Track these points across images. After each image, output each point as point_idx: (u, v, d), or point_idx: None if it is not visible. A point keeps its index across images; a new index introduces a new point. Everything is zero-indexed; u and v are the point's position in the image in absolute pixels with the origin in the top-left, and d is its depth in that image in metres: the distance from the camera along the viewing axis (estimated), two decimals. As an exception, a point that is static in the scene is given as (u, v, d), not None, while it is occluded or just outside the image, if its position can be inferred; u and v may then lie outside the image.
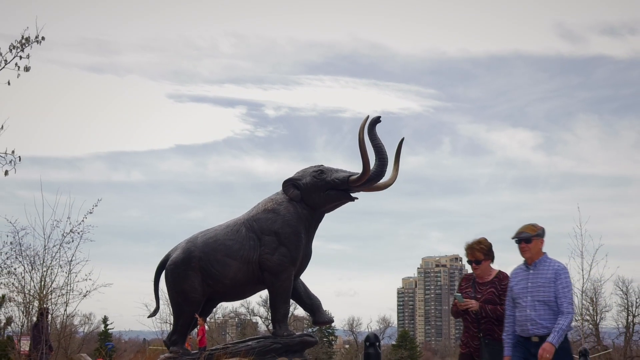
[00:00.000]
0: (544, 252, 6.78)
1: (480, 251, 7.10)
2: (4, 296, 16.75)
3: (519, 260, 7.00)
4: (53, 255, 13.79)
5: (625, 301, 37.47)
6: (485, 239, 7.16)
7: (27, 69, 8.34)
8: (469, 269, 7.90)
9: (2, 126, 8.45)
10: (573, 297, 6.66)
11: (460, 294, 7.25)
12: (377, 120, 12.43)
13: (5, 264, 13.84)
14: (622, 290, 37.21)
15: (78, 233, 13.77)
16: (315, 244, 13.25)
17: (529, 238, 6.68)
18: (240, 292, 13.78)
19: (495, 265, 7.68)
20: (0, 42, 8.33)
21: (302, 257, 12.87)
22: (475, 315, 7.15)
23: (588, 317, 30.27)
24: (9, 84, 8.26)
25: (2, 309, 17.74)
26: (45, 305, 13.99)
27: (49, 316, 14.20)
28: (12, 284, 14.04)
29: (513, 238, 6.80)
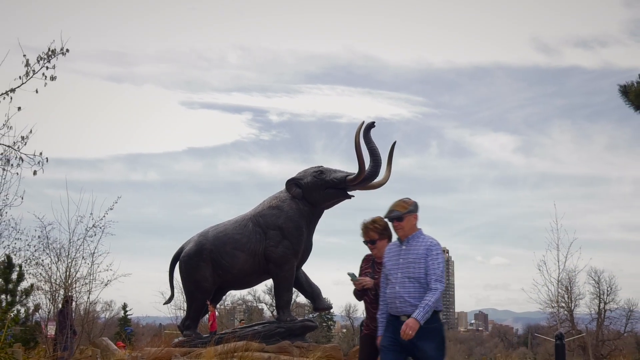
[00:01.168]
0: (419, 228, 5.82)
1: (375, 230, 6.18)
2: (32, 285, 16.73)
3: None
4: (77, 248, 13.76)
5: (597, 290, 37.38)
6: (381, 218, 6.19)
7: (53, 78, 8.32)
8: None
9: (31, 130, 8.44)
10: (444, 273, 5.61)
11: (353, 273, 6.38)
12: (371, 125, 12.43)
13: (33, 255, 13.80)
14: (594, 279, 37.13)
15: (100, 228, 13.73)
16: (316, 237, 13.27)
17: (400, 216, 5.71)
18: (247, 281, 13.79)
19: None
20: (29, 54, 8.32)
21: (304, 250, 12.88)
22: (373, 296, 6.34)
23: (563, 304, 30.22)
24: (37, 92, 8.25)
25: (31, 296, 17.69)
26: (70, 294, 13.97)
27: (74, 303, 14.17)
28: (40, 274, 14.04)
29: (385, 217, 5.86)
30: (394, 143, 12.92)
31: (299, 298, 33.51)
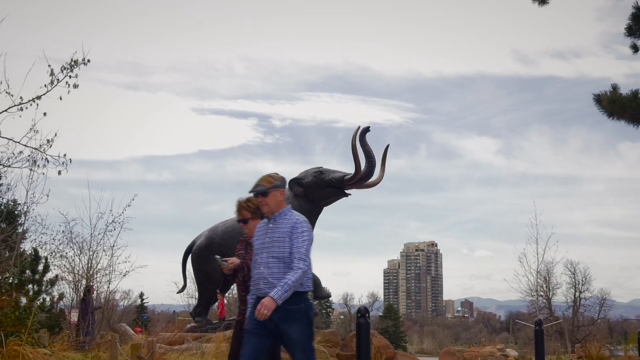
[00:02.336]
0: (287, 205, 5.10)
1: (247, 209, 5.53)
2: (57, 276, 16.72)
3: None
4: (98, 241, 13.76)
5: (573, 280, 37.43)
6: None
7: (75, 86, 8.32)
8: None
9: (56, 134, 8.44)
10: (310, 252, 4.89)
11: (219, 256, 5.66)
12: (366, 130, 12.41)
13: (58, 249, 13.81)
14: (570, 270, 37.18)
15: (119, 223, 13.74)
16: (316, 232, 13.23)
17: (265, 191, 4.99)
18: (253, 272, 13.77)
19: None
20: (53, 64, 8.31)
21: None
22: (242, 278, 5.70)
23: (542, 293, 30.21)
24: (60, 99, 8.24)
25: (56, 286, 17.66)
26: (91, 284, 13.96)
27: (95, 292, 14.16)
28: (64, 265, 14.05)
29: (250, 192, 5.14)
30: (387, 146, 12.92)
31: (301, 287, 33.55)
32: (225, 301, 14.93)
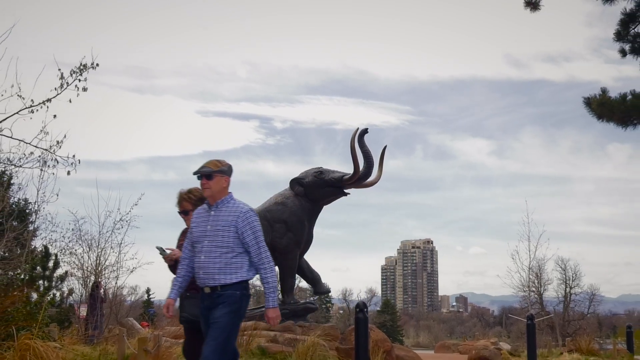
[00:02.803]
0: (230, 192, 4.72)
1: (189, 201, 5.21)
2: (66, 272, 16.72)
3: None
4: (106, 239, 13.75)
5: (564, 276, 37.39)
6: (197, 189, 5.16)
7: (84, 89, 8.32)
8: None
9: (65, 136, 8.44)
10: (266, 245, 4.65)
11: (161, 247, 5.35)
12: (364, 131, 12.41)
13: (68, 246, 13.80)
14: (561, 267, 37.14)
15: (126, 221, 13.73)
16: (316, 230, 13.24)
17: (210, 173, 4.61)
18: (256, 268, 13.77)
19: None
20: (63, 68, 8.31)
21: (306, 241, 12.85)
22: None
23: (534, 289, 30.21)
24: (70, 102, 8.25)
25: (65, 282, 17.66)
26: (99, 280, 13.97)
27: (102, 289, 14.17)
28: (73, 262, 14.05)
29: (194, 173, 4.74)
30: (385, 147, 12.91)
31: (302, 283, 33.55)
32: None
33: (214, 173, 4.62)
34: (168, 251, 5.29)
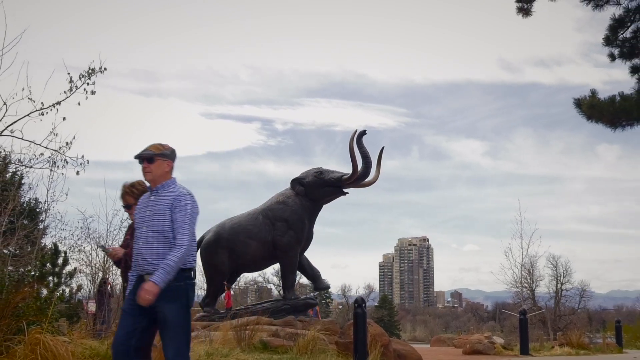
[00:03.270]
0: (173, 177, 4.37)
1: (131, 195, 4.92)
2: (75, 269, 16.71)
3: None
4: (114, 237, 13.72)
5: (555, 272, 37.39)
6: (140, 182, 4.85)
7: (92, 93, 8.31)
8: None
9: (74, 137, 8.43)
10: (195, 229, 4.23)
11: (103, 245, 4.79)
12: (363, 133, 12.40)
13: (76, 244, 13.77)
14: (552, 264, 37.14)
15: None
16: (316, 228, 13.23)
17: (151, 157, 4.26)
18: (258, 265, 13.76)
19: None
20: (72, 72, 8.31)
21: (306, 239, 12.84)
22: (125, 265, 5.08)
23: (526, 285, 30.24)
24: (79, 104, 8.24)
25: (74, 278, 17.66)
26: (107, 276, 13.95)
27: (110, 285, 14.16)
28: (82, 259, 14.02)
29: (135, 157, 4.38)
30: (382, 148, 12.91)
31: (302, 279, 33.57)
32: (231, 292, 14.94)
33: (156, 156, 4.29)
34: (110, 250, 5.05)
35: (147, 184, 4.47)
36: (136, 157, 4.37)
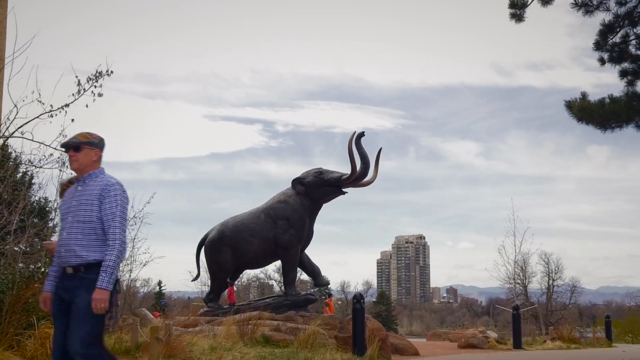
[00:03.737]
0: (101, 167, 4.05)
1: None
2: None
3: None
4: (120, 235, 13.74)
5: (547, 269, 37.29)
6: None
7: (100, 95, 8.30)
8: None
9: (82, 139, 8.41)
10: (126, 220, 3.94)
11: (42, 241, 4.54)
12: (361, 134, 12.41)
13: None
14: (544, 260, 37.05)
15: (139, 218, 13.71)
16: (316, 226, 13.25)
17: (78, 145, 3.95)
18: (260, 262, 13.77)
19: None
20: (80, 75, 8.31)
21: (306, 237, 12.85)
22: None
23: (519, 281, 30.25)
24: (87, 107, 8.24)
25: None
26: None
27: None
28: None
29: (61, 145, 4.12)
30: (380, 149, 12.91)
31: (303, 276, 33.56)
32: (234, 288, 14.94)
33: (83, 145, 3.98)
34: (46, 244, 4.87)
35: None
36: (62, 145, 4.11)
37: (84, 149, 3.98)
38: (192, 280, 16.92)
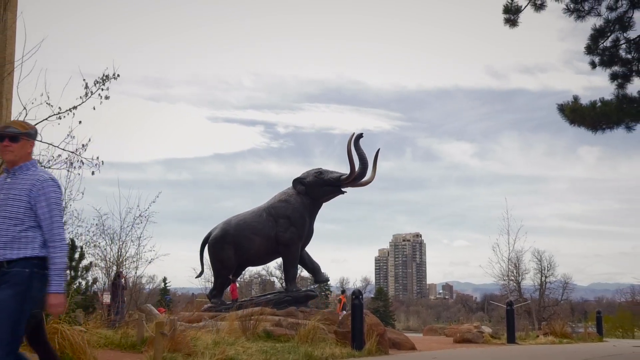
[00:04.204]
0: (33, 159, 3.76)
1: None
2: (91, 263, 16.70)
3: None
4: (127, 233, 13.70)
5: (540, 266, 37.26)
6: None
7: (107, 98, 8.29)
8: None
9: (90, 139, 8.42)
10: (61, 215, 3.65)
11: None
12: (360, 136, 12.41)
13: (92, 239, 13.78)
14: (537, 258, 37.03)
15: (145, 217, 13.69)
16: (316, 225, 13.26)
17: (16, 135, 3.61)
18: (262, 259, 13.77)
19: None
20: (87, 78, 8.30)
21: (307, 235, 12.86)
22: None
23: (513, 278, 30.23)
24: (94, 109, 8.23)
25: (90, 272, 17.66)
26: (120, 270, 13.94)
27: (124, 278, 14.15)
28: (97, 254, 14.02)
29: None
30: (378, 150, 12.92)
31: (303, 273, 33.59)
32: (237, 285, 14.94)
33: (21, 135, 3.64)
34: None
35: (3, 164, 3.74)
36: None
37: (21, 139, 3.65)
38: (196, 277, 16.93)
